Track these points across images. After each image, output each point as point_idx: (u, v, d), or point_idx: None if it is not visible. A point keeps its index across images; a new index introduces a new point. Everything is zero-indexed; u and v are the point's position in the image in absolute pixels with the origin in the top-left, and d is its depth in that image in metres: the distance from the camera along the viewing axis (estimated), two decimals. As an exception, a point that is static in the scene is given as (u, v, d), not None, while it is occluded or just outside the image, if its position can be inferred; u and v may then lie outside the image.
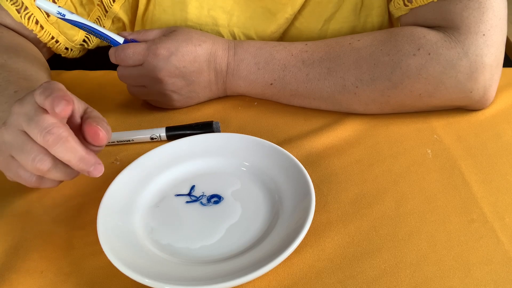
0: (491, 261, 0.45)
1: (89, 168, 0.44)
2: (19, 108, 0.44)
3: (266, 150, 0.55)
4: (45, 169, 0.44)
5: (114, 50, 0.61)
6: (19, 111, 0.44)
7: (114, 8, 0.68)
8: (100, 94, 0.70)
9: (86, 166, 0.44)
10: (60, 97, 0.42)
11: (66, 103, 0.42)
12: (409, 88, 0.58)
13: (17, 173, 0.46)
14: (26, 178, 0.46)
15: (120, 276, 0.44)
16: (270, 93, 0.64)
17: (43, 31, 0.67)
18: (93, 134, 0.44)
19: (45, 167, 0.44)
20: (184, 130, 0.61)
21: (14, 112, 0.45)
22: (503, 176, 0.53)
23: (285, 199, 0.50)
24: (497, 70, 0.58)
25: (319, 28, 0.68)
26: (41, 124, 0.42)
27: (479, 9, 0.56)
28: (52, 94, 0.42)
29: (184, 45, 0.61)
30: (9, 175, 0.47)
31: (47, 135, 0.42)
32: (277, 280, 0.45)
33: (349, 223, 0.49)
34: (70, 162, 0.43)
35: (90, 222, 0.50)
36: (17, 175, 0.46)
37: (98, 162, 0.44)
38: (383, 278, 0.44)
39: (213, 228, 0.49)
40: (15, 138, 0.44)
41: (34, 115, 0.43)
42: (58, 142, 0.42)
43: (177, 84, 0.62)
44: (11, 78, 0.56)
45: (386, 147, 0.58)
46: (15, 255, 0.48)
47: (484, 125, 0.60)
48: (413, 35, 0.58)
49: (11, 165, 0.46)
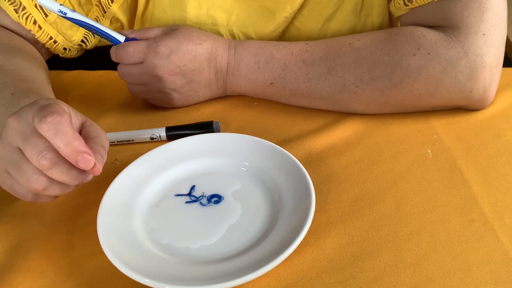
0: (491, 261, 0.45)
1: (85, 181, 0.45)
2: (16, 124, 0.43)
3: (266, 150, 0.55)
4: (41, 188, 0.44)
5: (114, 48, 0.61)
6: (15, 127, 0.43)
7: (112, 8, 0.68)
8: (100, 94, 0.70)
9: (82, 181, 0.45)
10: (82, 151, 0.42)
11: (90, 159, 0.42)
12: (409, 88, 0.58)
13: (12, 188, 0.46)
14: (22, 194, 0.46)
15: (120, 276, 0.44)
16: (270, 93, 0.64)
17: (41, 31, 0.66)
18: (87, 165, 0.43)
19: (41, 187, 0.44)
20: (184, 130, 0.61)
21: (10, 127, 0.44)
22: (503, 176, 0.53)
23: (285, 199, 0.50)
24: (497, 70, 0.58)
25: (319, 27, 0.68)
26: (36, 147, 0.42)
27: (479, 8, 0.56)
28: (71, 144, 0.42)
29: (185, 44, 0.61)
30: (5, 188, 0.47)
31: (42, 159, 0.42)
32: (277, 280, 0.45)
33: (349, 223, 0.49)
34: (65, 182, 0.44)
35: (90, 222, 0.50)
36: (12, 190, 0.46)
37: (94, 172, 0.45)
38: (383, 278, 0.44)
39: (213, 228, 0.49)
40: (11, 155, 0.44)
41: (30, 136, 0.42)
42: (53, 166, 0.42)
43: (177, 83, 0.62)
44: (8, 80, 0.56)
45: (386, 147, 0.58)
46: (15, 255, 0.48)
47: (484, 125, 0.60)
48: (413, 35, 0.58)
49: (6, 180, 0.45)
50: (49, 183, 0.44)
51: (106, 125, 0.64)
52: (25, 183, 0.43)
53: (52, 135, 0.42)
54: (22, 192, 0.45)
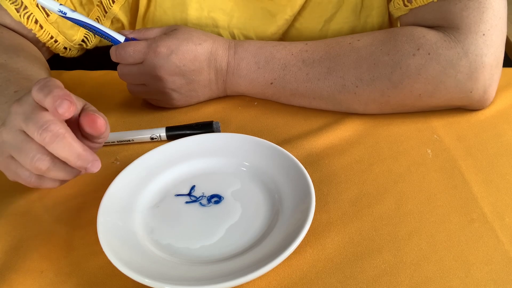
0: (491, 261, 0.45)
1: (86, 165, 0.44)
2: (18, 108, 0.44)
3: (266, 150, 0.55)
4: (44, 168, 0.44)
5: (114, 48, 0.61)
6: (17, 111, 0.44)
7: (113, 9, 0.68)
8: (100, 94, 0.70)
9: (84, 163, 0.44)
10: (62, 96, 0.42)
11: (69, 104, 0.42)
12: (409, 88, 0.58)
13: (16, 173, 0.46)
14: (26, 177, 0.46)
15: (120, 276, 0.44)
16: (270, 93, 0.64)
17: (42, 31, 0.67)
18: (91, 122, 0.45)
19: (44, 166, 0.44)
20: (184, 130, 0.61)
21: (13, 112, 0.45)
22: (503, 176, 0.53)
23: (285, 199, 0.50)
24: (497, 70, 0.58)
25: (319, 28, 0.68)
26: (38, 122, 0.42)
27: (479, 8, 0.56)
28: (52, 93, 0.42)
29: (185, 44, 0.61)
30: (9, 175, 0.47)
31: (44, 132, 0.42)
32: (277, 280, 0.45)
33: (349, 223, 0.49)
34: (67, 159, 0.44)
35: (90, 222, 0.50)
36: (16, 175, 0.46)
37: (95, 158, 0.45)
38: (383, 278, 0.44)
39: (213, 228, 0.49)
40: (14, 138, 0.44)
41: (32, 113, 0.43)
42: (55, 140, 0.42)
43: (177, 83, 0.62)
44: (11, 78, 0.56)
45: (386, 147, 0.58)
46: (15, 255, 0.48)
47: (484, 125, 0.60)
48: (412, 35, 0.58)
49: (10, 165, 0.46)
50: (52, 163, 0.44)
51: (106, 125, 0.64)
52: (29, 162, 0.43)
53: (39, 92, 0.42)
54: (26, 175, 0.46)
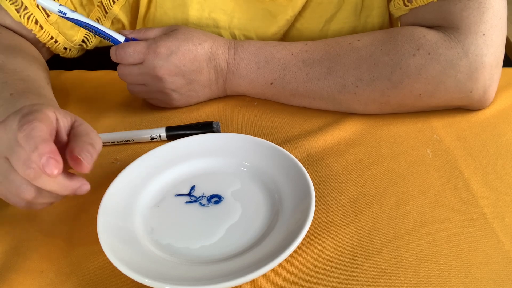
0: (491, 261, 0.45)
1: (74, 192, 0.44)
2: (2, 133, 0.43)
3: (266, 150, 0.55)
4: (30, 198, 0.43)
5: (114, 48, 0.61)
6: (2, 137, 0.43)
7: (114, 9, 0.68)
8: (100, 94, 0.70)
9: (71, 191, 0.43)
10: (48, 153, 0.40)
11: (55, 163, 0.40)
12: (409, 88, 0.58)
13: (6, 197, 0.45)
14: (16, 202, 0.45)
15: (120, 276, 0.44)
16: (270, 93, 0.64)
17: (42, 31, 0.66)
18: (75, 165, 0.42)
19: (30, 196, 0.43)
20: (184, 130, 0.61)
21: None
22: (503, 176, 0.53)
23: (285, 199, 0.50)
24: (497, 70, 0.58)
25: (319, 29, 0.68)
26: (21, 157, 0.41)
27: (479, 9, 0.56)
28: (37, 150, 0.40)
29: (185, 44, 0.61)
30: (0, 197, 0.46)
31: (27, 169, 0.41)
32: (277, 280, 0.45)
33: (349, 223, 0.49)
34: (53, 191, 0.43)
35: (90, 222, 0.50)
36: (6, 199, 0.45)
37: (83, 183, 0.44)
38: (383, 278, 0.44)
39: (213, 228, 0.49)
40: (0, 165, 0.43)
41: (15, 145, 0.41)
42: (39, 176, 0.41)
43: (177, 83, 0.62)
44: (8, 80, 0.56)
45: (386, 147, 0.58)
46: (15, 255, 0.48)
47: (484, 125, 0.60)
48: (412, 35, 0.58)
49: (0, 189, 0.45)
50: (38, 192, 0.43)
51: (106, 125, 0.64)
52: (14, 192, 0.43)
53: (24, 142, 0.40)
54: (16, 200, 0.45)
